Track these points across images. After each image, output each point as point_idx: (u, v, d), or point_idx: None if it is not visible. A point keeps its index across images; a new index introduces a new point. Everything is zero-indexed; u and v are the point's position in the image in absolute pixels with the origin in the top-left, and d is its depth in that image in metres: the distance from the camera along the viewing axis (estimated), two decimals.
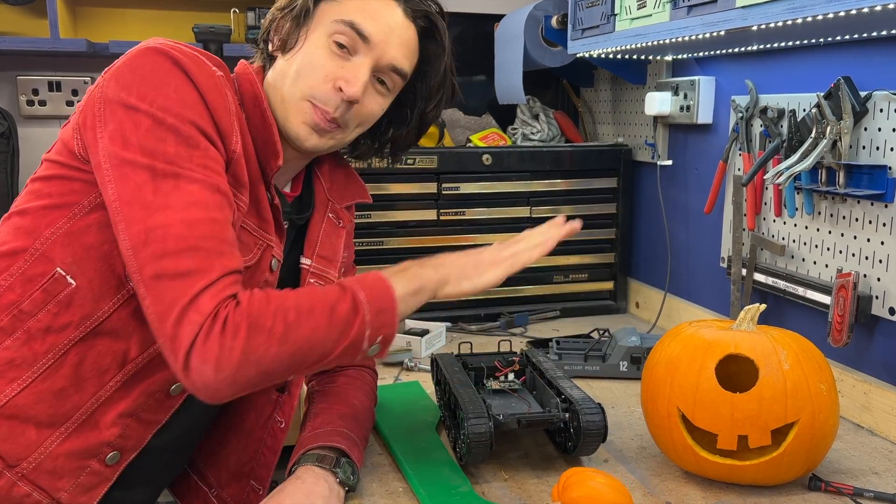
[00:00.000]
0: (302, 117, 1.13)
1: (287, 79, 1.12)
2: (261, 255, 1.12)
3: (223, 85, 1.03)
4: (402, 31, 1.16)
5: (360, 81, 1.11)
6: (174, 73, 0.99)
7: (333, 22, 1.11)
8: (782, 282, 1.60)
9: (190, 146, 0.97)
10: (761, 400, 1.11)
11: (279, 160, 1.12)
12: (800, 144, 1.47)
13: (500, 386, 1.37)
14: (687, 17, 1.42)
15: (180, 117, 0.97)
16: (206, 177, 0.97)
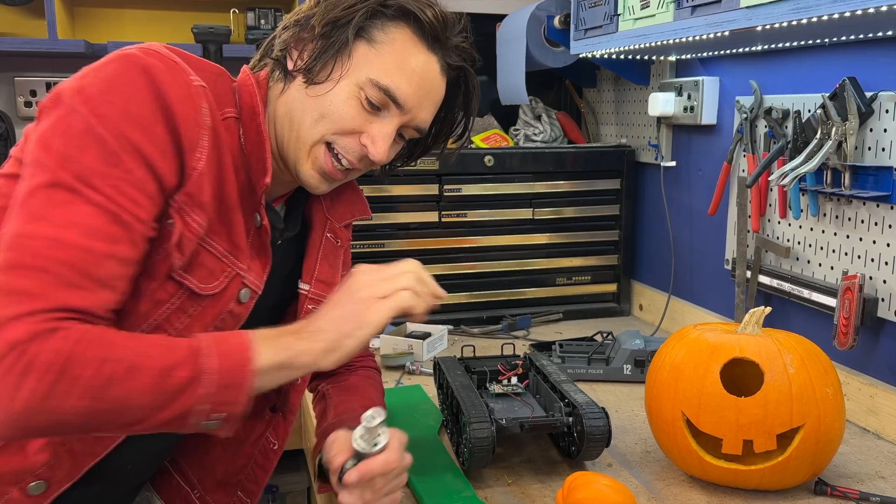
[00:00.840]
0: (316, 164, 1.09)
1: (307, 117, 1.07)
2: (227, 284, 1.07)
3: (198, 95, 0.98)
4: (437, 91, 1.11)
5: (386, 144, 1.08)
6: (134, 82, 0.94)
7: (368, 80, 1.05)
8: (787, 284, 1.61)
9: (110, 163, 0.91)
10: (766, 404, 1.11)
11: (266, 177, 1.07)
12: (805, 145, 1.48)
13: (503, 390, 1.38)
14: (691, 18, 1.42)
15: (115, 130, 0.92)
16: (110, 202, 0.91)
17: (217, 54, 2.19)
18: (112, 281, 0.92)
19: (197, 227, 0.99)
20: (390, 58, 1.06)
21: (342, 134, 1.07)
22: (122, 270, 0.93)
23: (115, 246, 0.91)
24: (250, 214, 1.09)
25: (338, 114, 1.06)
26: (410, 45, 1.07)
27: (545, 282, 2.18)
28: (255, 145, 1.07)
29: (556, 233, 2.16)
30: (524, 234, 2.13)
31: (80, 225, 0.89)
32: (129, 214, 0.92)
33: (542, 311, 2.14)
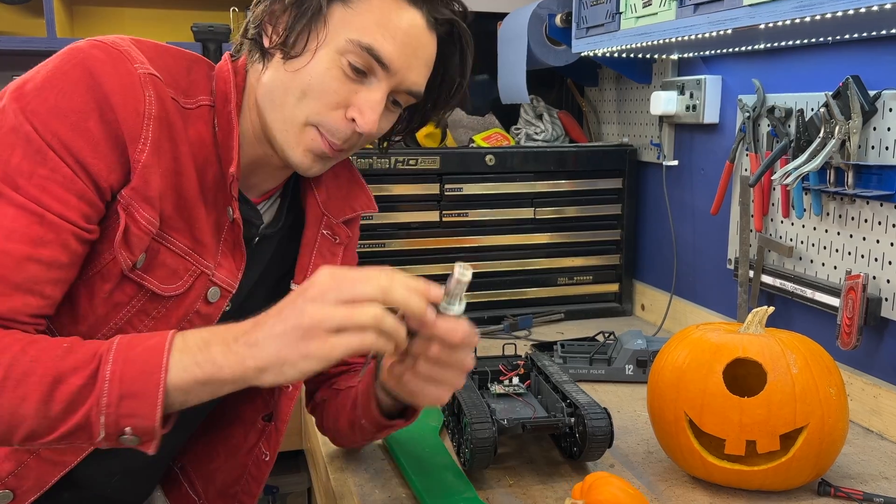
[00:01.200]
0: (307, 144, 1.02)
1: (290, 96, 1.00)
2: (192, 283, 1.03)
3: (141, 84, 0.93)
4: (425, 49, 1.03)
5: (375, 113, 1.01)
6: (69, 76, 0.91)
7: (348, 42, 0.98)
8: (790, 284, 1.61)
9: (36, 162, 0.88)
10: (770, 404, 1.11)
11: (231, 166, 1.01)
12: (808, 144, 1.47)
13: (505, 390, 1.38)
14: (693, 16, 1.42)
15: (44, 126, 0.89)
16: (34, 202, 0.88)
17: (217, 53, 2.19)
18: (33, 285, 0.88)
19: (146, 224, 0.95)
20: (369, 16, 0.99)
21: (328, 110, 1.00)
22: (49, 274, 0.90)
23: (37, 249, 0.88)
24: (222, 208, 1.04)
25: (319, 87, 0.99)
26: (390, 0, 1.00)
27: (546, 281, 2.18)
28: (225, 134, 1.02)
29: (557, 232, 2.15)
30: (525, 233, 2.13)
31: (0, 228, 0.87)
32: (55, 215, 0.89)
33: (543, 311, 2.14)
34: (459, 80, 1.13)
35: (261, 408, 1.24)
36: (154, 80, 0.95)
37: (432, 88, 1.11)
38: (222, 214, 1.05)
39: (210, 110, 1.03)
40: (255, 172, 1.10)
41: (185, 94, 1.01)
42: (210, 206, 1.03)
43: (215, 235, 1.05)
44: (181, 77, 1.01)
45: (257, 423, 1.23)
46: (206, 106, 1.02)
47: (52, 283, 0.91)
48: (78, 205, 0.91)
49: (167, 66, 0.99)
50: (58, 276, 0.91)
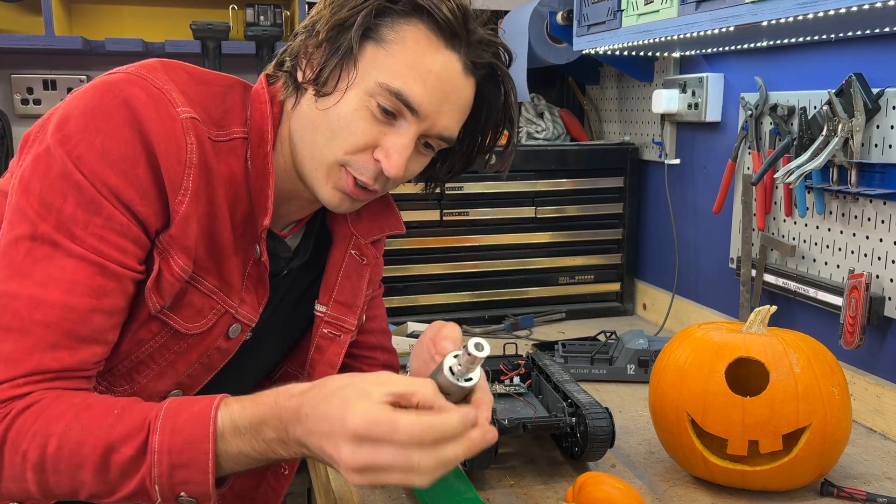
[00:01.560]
0: (334, 182, 1.01)
1: (318, 136, 0.99)
2: (216, 322, 1.03)
3: (184, 131, 0.92)
4: (460, 94, 1.00)
5: (402, 158, 0.98)
6: (113, 117, 0.89)
7: (377, 85, 0.96)
8: (793, 283, 1.60)
9: (90, 211, 0.88)
10: (772, 404, 1.11)
11: (266, 219, 1.01)
12: (811, 142, 1.47)
13: (506, 390, 1.37)
14: (695, 13, 1.42)
15: (93, 174, 0.88)
16: (93, 252, 0.88)
17: (216, 51, 2.19)
18: (99, 335, 0.90)
19: (180, 272, 0.95)
20: (401, 58, 0.96)
21: (356, 152, 0.98)
22: (110, 322, 0.92)
23: (101, 300, 0.89)
24: (250, 245, 1.04)
25: (348, 128, 0.97)
26: (425, 42, 0.97)
27: (548, 281, 2.18)
28: (259, 175, 1.01)
29: (558, 231, 2.15)
30: (526, 232, 2.13)
31: (61, 282, 0.87)
32: (115, 263, 0.90)
33: (544, 311, 2.14)
34: (502, 119, 1.10)
35: None
36: (195, 123, 0.94)
37: (470, 129, 1.09)
38: (249, 251, 1.04)
39: (243, 143, 1.01)
40: (285, 205, 1.09)
41: (217, 126, 0.99)
42: (238, 244, 1.02)
43: (241, 272, 1.04)
44: (215, 109, 1.00)
45: None
46: (239, 139, 1.01)
47: (113, 328, 0.93)
48: (134, 250, 0.92)
49: (202, 100, 0.98)
50: (118, 321, 0.93)
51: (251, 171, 1.01)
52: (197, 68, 1.02)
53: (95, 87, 0.92)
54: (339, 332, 1.18)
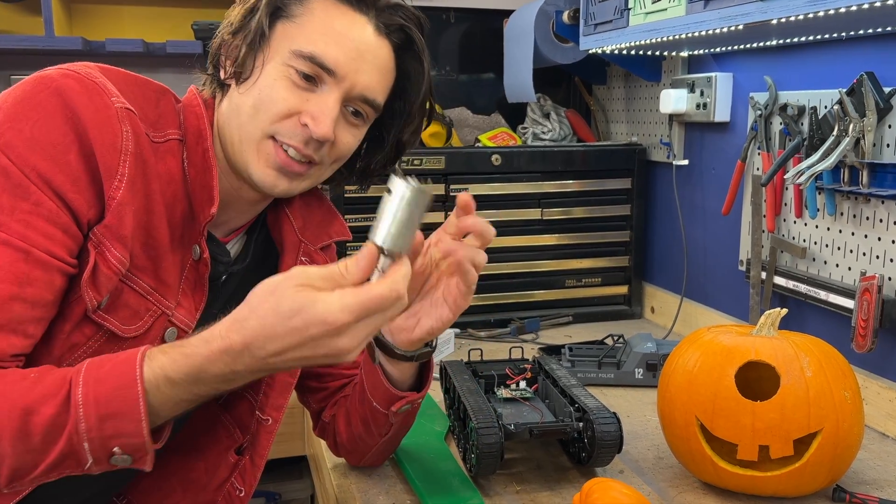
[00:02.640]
0: (266, 160, 1.02)
1: (243, 115, 1.01)
2: (151, 324, 1.01)
3: (118, 118, 0.93)
4: (374, 54, 1.04)
5: (329, 118, 1.00)
6: (45, 106, 0.89)
7: (291, 53, 1.00)
8: (803, 285, 1.60)
9: (17, 196, 0.87)
10: (783, 408, 1.11)
11: (213, 207, 1.02)
12: (821, 143, 1.47)
13: (512, 394, 1.37)
14: (704, 11, 1.42)
15: (22, 160, 0.87)
16: (18, 237, 0.86)
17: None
18: (17, 325, 0.87)
19: (116, 264, 0.94)
20: (311, 26, 1.01)
21: (280, 119, 1.00)
22: (32, 313, 0.88)
23: (23, 287, 0.87)
24: (188, 247, 1.04)
25: (269, 99, 1.00)
26: (333, 9, 1.02)
27: (554, 284, 2.18)
28: (199, 171, 1.02)
29: (565, 233, 2.15)
30: (532, 234, 2.12)
31: None
32: (41, 251, 0.88)
33: (551, 314, 2.13)
34: (420, 91, 1.11)
35: (225, 441, 1.19)
36: (129, 114, 0.95)
37: (396, 99, 1.11)
38: (187, 253, 1.04)
39: (179, 144, 1.02)
40: (225, 210, 1.09)
41: (154, 126, 1.00)
42: (176, 245, 1.02)
43: (178, 274, 1.04)
44: (150, 109, 1.01)
45: (228, 458, 1.18)
46: (174, 140, 1.02)
47: (35, 321, 0.89)
48: (63, 239, 0.90)
49: (137, 98, 0.99)
50: (41, 314, 0.90)
51: (189, 170, 1.02)
52: (131, 73, 1.03)
53: (27, 81, 0.93)
54: None
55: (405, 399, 1.12)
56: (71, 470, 0.83)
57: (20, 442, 0.80)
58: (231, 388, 0.87)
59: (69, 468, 0.83)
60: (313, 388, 1.28)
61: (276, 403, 1.18)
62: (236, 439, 1.19)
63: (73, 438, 0.80)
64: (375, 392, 1.13)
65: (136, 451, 0.82)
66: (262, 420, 1.17)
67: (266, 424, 1.18)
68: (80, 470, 0.83)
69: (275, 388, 1.17)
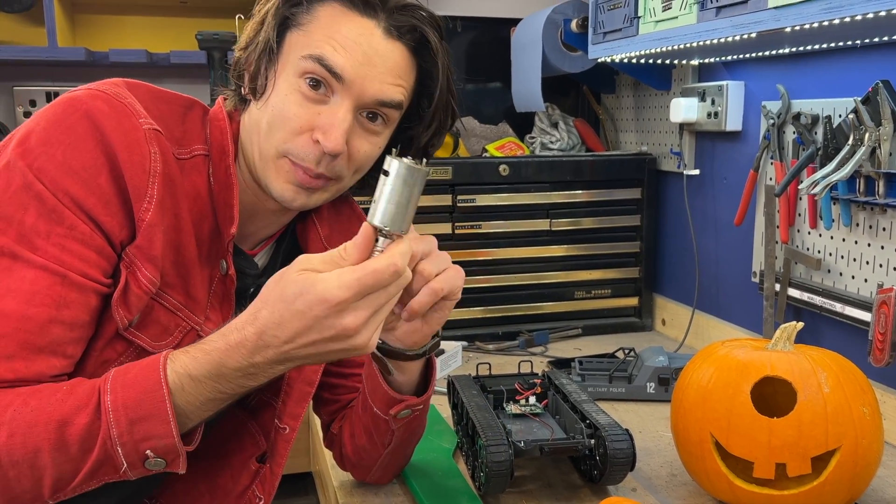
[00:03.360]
0: (284, 176, 1.03)
1: (261, 132, 1.02)
2: (181, 340, 1.02)
3: (146, 140, 0.95)
4: (386, 57, 1.02)
5: (338, 131, 1.00)
6: (75, 129, 0.92)
7: (301, 59, 1.00)
8: (819, 298, 1.58)
9: (52, 221, 0.89)
10: (800, 425, 1.09)
11: (232, 227, 1.03)
12: (836, 152, 1.45)
13: (521, 410, 1.36)
14: (716, 19, 1.40)
15: (54, 184, 0.89)
16: (54, 261, 0.89)
17: (221, 62, 2.19)
18: (57, 346, 0.90)
19: (147, 284, 0.96)
20: (317, 32, 1.01)
21: (293, 136, 1.01)
22: (71, 334, 0.91)
23: (60, 310, 0.89)
24: (215, 261, 1.05)
25: (281, 114, 1.01)
26: (339, 15, 1.01)
27: (563, 296, 2.16)
28: (222, 188, 1.04)
29: (574, 244, 2.14)
30: (541, 245, 2.11)
31: (19, 293, 0.88)
32: (77, 273, 0.90)
33: (560, 327, 2.12)
34: (437, 91, 1.10)
35: (250, 448, 1.20)
36: (157, 135, 0.96)
37: (423, 98, 1.11)
38: (215, 268, 1.06)
39: (205, 160, 1.04)
40: (252, 221, 1.11)
41: (179, 143, 1.02)
42: (204, 260, 1.04)
43: (207, 289, 1.06)
44: (176, 126, 1.03)
45: (250, 465, 1.20)
46: (200, 156, 1.04)
47: (74, 342, 0.92)
48: (97, 260, 0.92)
49: (163, 115, 1.01)
50: (79, 334, 0.92)
51: (214, 185, 1.04)
52: (159, 88, 1.05)
53: (57, 103, 0.95)
54: None
55: (404, 402, 1.11)
56: (109, 476, 0.86)
57: (59, 453, 0.84)
58: (257, 384, 0.88)
59: (107, 474, 0.86)
60: (326, 400, 1.28)
61: (294, 412, 1.18)
62: (260, 447, 1.20)
63: (106, 444, 0.84)
64: (375, 396, 1.12)
65: (168, 454, 0.86)
66: (279, 428, 1.18)
67: (283, 433, 1.18)
68: (116, 476, 0.86)
69: (292, 396, 1.17)
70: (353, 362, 1.27)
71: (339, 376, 1.27)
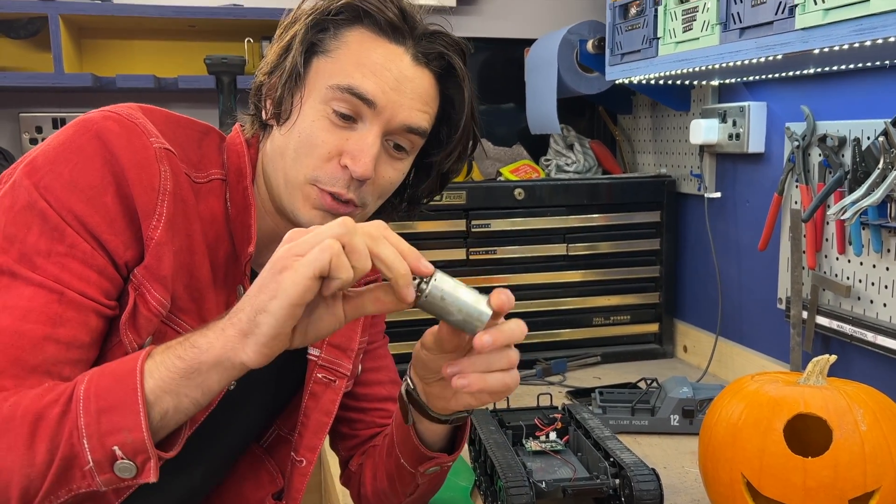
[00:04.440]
0: (312, 203, 1.01)
1: (287, 159, 1.01)
2: None
3: (157, 159, 0.94)
4: (415, 84, 1.02)
5: (368, 156, 0.99)
6: (84, 149, 0.91)
7: (329, 88, 0.99)
8: (848, 326, 1.54)
9: (53, 239, 0.88)
10: (836, 466, 1.05)
11: (250, 245, 1.02)
12: (865, 176, 1.42)
13: (541, 447, 1.32)
14: (739, 41, 1.37)
15: (59, 202, 0.88)
16: (51, 279, 0.87)
17: (231, 86, 2.17)
18: (51, 366, 0.87)
19: (157, 306, 0.93)
20: (346, 59, 1.00)
21: (321, 163, 0.99)
22: (68, 354, 0.88)
23: (56, 328, 0.87)
24: (232, 286, 1.03)
25: (309, 142, 0.99)
26: (368, 41, 1.01)
27: (581, 322, 2.12)
28: (240, 210, 1.03)
29: (592, 269, 2.10)
30: (558, 271, 2.08)
31: (17, 309, 0.86)
32: (75, 292, 0.88)
33: (578, 354, 2.08)
34: (463, 120, 1.09)
35: (267, 486, 1.19)
36: (169, 154, 0.96)
37: (443, 125, 1.10)
38: (232, 293, 1.03)
39: (222, 185, 1.03)
40: (270, 248, 1.06)
41: (196, 167, 1.01)
42: (220, 286, 1.02)
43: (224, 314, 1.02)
44: (192, 150, 1.02)
45: (266, 503, 1.18)
46: (217, 180, 1.03)
47: (71, 363, 0.89)
48: (98, 280, 0.90)
49: (178, 139, 1.00)
50: (78, 356, 0.89)
51: (231, 208, 1.03)
52: (174, 113, 1.04)
53: (70, 124, 0.94)
54: (335, 377, 1.15)
55: (435, 460, 1.07)
56: (77, 483, 0.80)
57: (28, 451, 0.79)
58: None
59: (75, 480, 0.80)
60: (345, 435, 1.26)
61: (311, 444, 1.15)
62: (277, 483, 1.19)
63: (73, 436, 0.79)
64: (404, 448, 1.09)
65: (137, 454, 0.80)
66: (296, 461, 1.15)
67: (300, 466, 1.16)
68: (85, 483, 0.80)
69: (309, 427, 1.14)
70: (373, 396, 1.25)
71: (359, 411, 1.24)
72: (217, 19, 2.19)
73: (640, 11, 1.73)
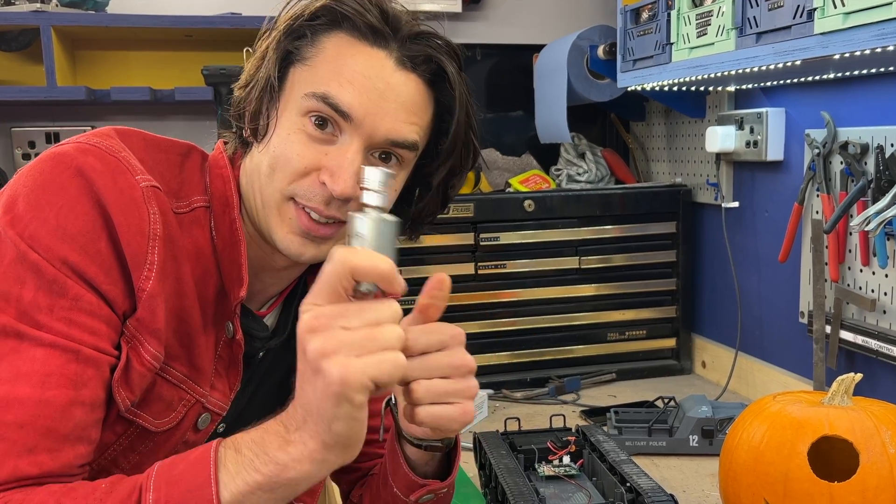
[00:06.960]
0: (289, 226, 0.97)
1: (262, 176, 0.97)
2: (185, 414, 0.98)
3: (145, 200, 0.89)
4: (399, 91, 0.97)
5: (347, 173, 0.93)
6: (67, 190, 0.86)
7: (304, 97, 0.94)
8: (874, 341, 1.53)
9: (53, 293, 0.83)
10: (864, 490, 1.04)
11: (242, 290, 0.98)
12: (890, 185, 1.41)
13: (555, 471, 1.31)
14: (756, 46, 1.37)
15: (49, 252, 0.83)
16: (63, 337, 0.83)
17: (228, 97, 2.17)
18: (81, 431, 0.84)
19: (151, 360, 0.90)
20: (323, 66, 0.95)
21: (298, 177, 0.95)
22: (92, 416, 0.86)
23: (79, 390, 0.83)
24: (221, 324, 1.00)
25: (284, 157, 0.95)
26: (346, 47, 0.96)
27: (595, 338, 2.11)
28: (228, 244, 0.99)
29: (605, 283, 2.09)
30: (570, 285, 2.07)
31: (33, 374, 0.81)
32: (90, 347, 0.85)
33: (592, 371, 2.07)
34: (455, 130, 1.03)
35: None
36: (156, 193, 0.91)
37: (441, 135, 1.04)
38: (220, 331, 1.00)
39: (206, 212, 0.99)
40: (259, 277, 1.05)
41: (177, 196, 0.97)
42: (209, 327, 0.99)
43: (212, 356, 1.00)
44: (173, 177, 0.98)
45: None
46: (201, 208, 0.99)
47: (95, 424, 0.87)
48: (107, 332, 0.87)
49: (158, 166, 0.96)
50: (99, 414, 0.87)
51: (218, 241, 0.99)
52: (154, 135, 1.00)
53: (44, 160, 0.89)
54: None
55: (426, 487, 1.05)
56: None
57: None
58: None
59: None
60: (346, 468, 1.23)
61: (312, 488, 1.14)
62: None
63: None
64: (396, 476, 1.07)
65: None
66: None
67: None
68: None
69: None
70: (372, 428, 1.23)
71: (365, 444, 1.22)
72: (215, 28, 2.19)
73: (653, 16, 1.73)
